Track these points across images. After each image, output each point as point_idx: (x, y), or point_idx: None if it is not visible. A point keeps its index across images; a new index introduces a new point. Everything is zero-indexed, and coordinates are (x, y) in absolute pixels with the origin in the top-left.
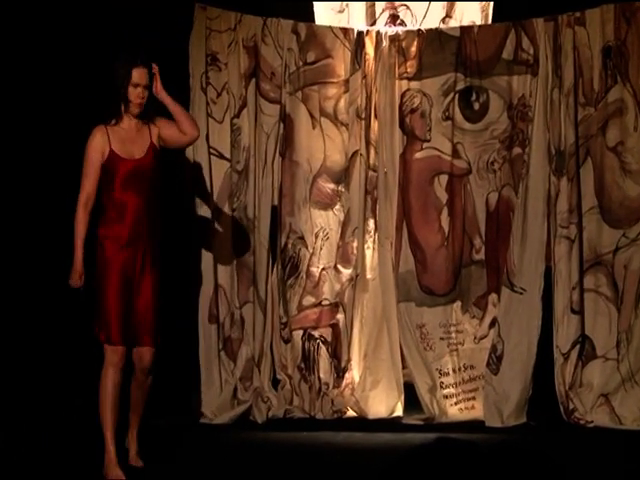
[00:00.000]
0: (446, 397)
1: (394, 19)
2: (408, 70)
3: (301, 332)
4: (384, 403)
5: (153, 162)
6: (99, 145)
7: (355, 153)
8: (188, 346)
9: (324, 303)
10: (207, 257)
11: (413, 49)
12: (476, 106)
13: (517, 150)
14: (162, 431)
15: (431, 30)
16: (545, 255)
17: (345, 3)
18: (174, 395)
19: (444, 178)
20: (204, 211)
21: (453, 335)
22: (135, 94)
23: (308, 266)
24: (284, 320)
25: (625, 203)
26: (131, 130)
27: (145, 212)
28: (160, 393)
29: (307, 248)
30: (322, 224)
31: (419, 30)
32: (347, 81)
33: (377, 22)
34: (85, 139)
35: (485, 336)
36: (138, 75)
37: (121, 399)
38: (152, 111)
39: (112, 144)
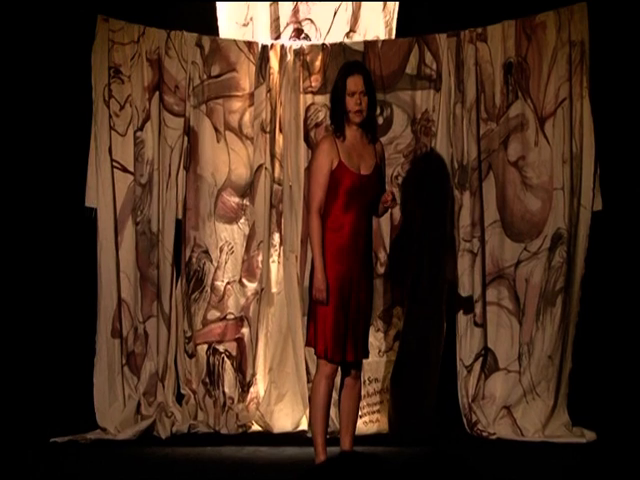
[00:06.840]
0: None
1: (298, 33)
2: (313, 84)
3: (206, 346)
4: (289, 417)
5: (377, 181)
6: (329, 154)
7: (260, 167)
8: (91, 361)
9: (229, 317)
10: (110, 271)
11: (318, 63)
12: (380, 120)
13: (420, 164)
14: (63, 448)
15: (335, 44)
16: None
17: (250, 16)
18: (76, 411)
19: None
20: (107, 224)
21: None
22: (352, 102)
23: (213, 280)
24: (188, 334)
25: (526, 217)
26: (357, 143)
27: (364, 227)
28: (61, 410)
29: (212, 262)
30: (227, 238)
31: (323, 44)
32: (252, 95)
33: (282, 36)
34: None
35: (390, 349)
36: (353, 83)
37: None
38: (375, 131)
39: (341, 155)
